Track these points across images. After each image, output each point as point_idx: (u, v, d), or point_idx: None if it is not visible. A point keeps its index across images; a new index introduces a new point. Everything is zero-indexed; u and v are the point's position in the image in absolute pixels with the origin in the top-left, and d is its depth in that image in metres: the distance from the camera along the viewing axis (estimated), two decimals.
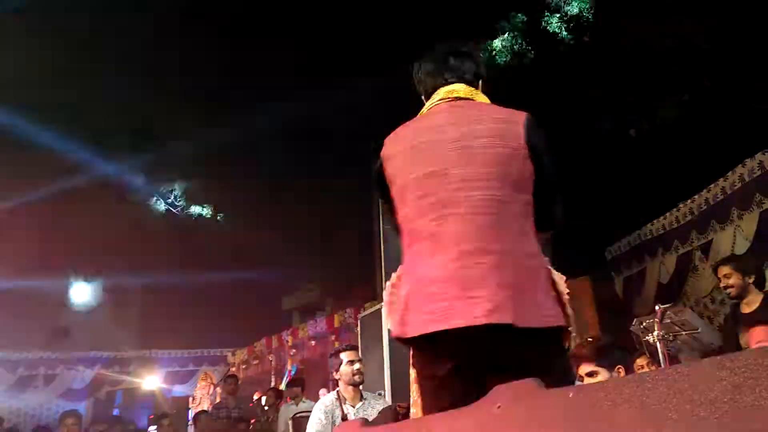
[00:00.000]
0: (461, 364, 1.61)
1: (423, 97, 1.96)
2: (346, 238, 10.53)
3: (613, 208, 7.32)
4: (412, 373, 1.82)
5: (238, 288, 12.95)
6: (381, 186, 1.83)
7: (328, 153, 9.61)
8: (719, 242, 6.23)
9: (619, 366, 3.03)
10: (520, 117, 1.74)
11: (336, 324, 10.77)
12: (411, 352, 1.78)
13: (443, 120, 1.75)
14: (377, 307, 5.04)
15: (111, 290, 13.74)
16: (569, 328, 1.67)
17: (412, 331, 1.62)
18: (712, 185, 6.32)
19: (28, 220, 10.68)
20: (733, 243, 5.96)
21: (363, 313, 5.65)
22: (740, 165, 5.88)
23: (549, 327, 1.59)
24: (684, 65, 6.61)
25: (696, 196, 6.61)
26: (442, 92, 1.84)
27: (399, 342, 1.72)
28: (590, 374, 2.84)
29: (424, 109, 1.86)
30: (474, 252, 1.59)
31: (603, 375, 2.92)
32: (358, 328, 5.64)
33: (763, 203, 5.63)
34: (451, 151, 1.68)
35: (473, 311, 1.53)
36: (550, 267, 1.70)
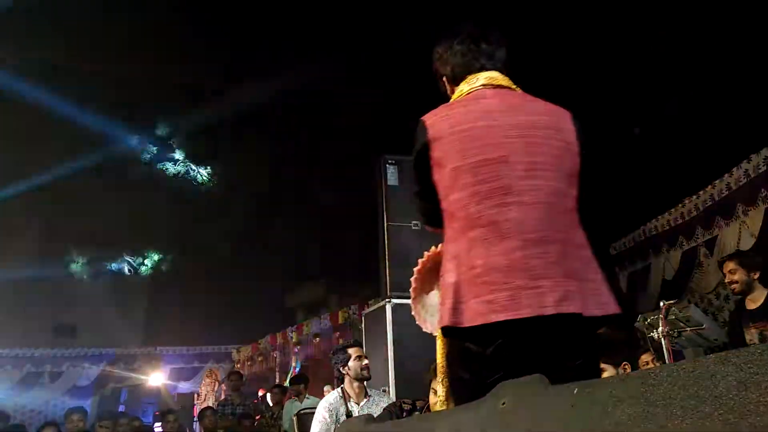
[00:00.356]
0: (518, 361, 1.53)
1: (445, 79, 1.90)
2: (350, 236, 10.54)
3: (617, 204, 7.30)
4: (446, 368, 1.74)
5: (243, 285, 12.99)
6: (422, 169, 1.74)
7: (333, 150, 9.62)
8: (724, 238, 6.20)
9: (625, 363, 3.02)
10: (566, 113, 1.77)
11: (340, 321, 10.79)
12: (451, 348, 1.68)
13: (496, 106, 1.71)
14: (381, 304, 5.03)
15: (116, 287, 13.80)
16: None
17: (470, 321, 1.55)
18: (717, 181, 6.30)
19: (31, 211, 10.73)
20: (739, 239, 5.94)
21: (367, 310, 5.64)
22: (745, 161, 5.85)
23: (609, 314, 1.61)
24: (689, 61, 6.58)
25: (701, 192, 6.58)
26: (482, 78, 1.79)
27: (446, 333, 1.65)
28: None
29: (465, 92, 1.79)
30: (538, 241, 1.57)
31: (609, 371, 2.91)
32: (363, 325, 5.63)
33: None
34: (511, 139, 1.65)
35: (541, 301, 1.52)
36: None
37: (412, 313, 2.09)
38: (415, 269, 2.04)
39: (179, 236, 12.68)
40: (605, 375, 2.82)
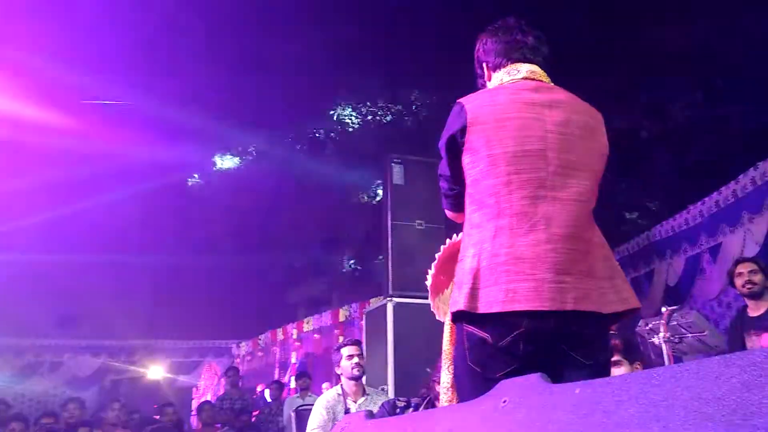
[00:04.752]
0: (530, 356, 1.54)
1: (486, 66, 1.88)
2: (352, 233, 10.55)
3: (623, 209, 7.29)
4: (453, 356, 1.72)
5: (244, 280, 12.99)
6: (453, 151, 1.73)
7: (337, 147, 9.62)
8: (729, 246, 6.18)
9: (638, 362, 3.01)
10: (599, 116, 1.78)
11: (341, 318, 10.79)
12: (459, 335, 1.65)
13: (539, 100, 1.70)
14: (382, 302, 5.03)
15: (118, 279, 13.82)
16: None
17: (487, 307, 1.54)
18: (723, 188, 6.28)
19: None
20: (743, 247, 5.92)
21: (368, 308, 5.64)
22: (752, 168, 5.83)
23: (629, 309, 1.64)
24: (697, 66, 6.57)
25: (706, 199, 6.56)
26: (524, 70, 1.78)
27: (458, 319, 1.63)
28: (615, 363, 2.81)
29: (505, 82, 1.78)
30: (565, 238, 1.59)
31: (625, 368, 2.90)
32: (363, 323, 5.63)
33: None
34: (551, 134, 1.65)
35: (562, 297, 1.53)
36: None
37: (428, 299, 2.07)
38: (437, 255, 2.02)
39: (182, 231, 12.70)
40: (622, 370, 2.82)
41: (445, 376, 1.77)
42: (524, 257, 1.56)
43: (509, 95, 1.72)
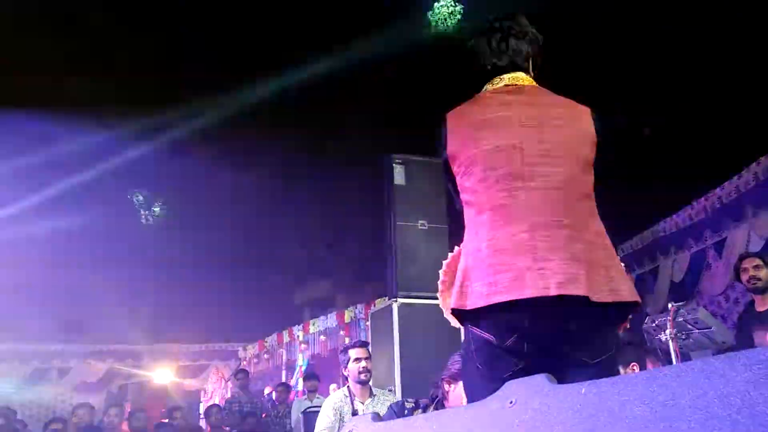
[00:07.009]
0: (537, 355, 1.55)
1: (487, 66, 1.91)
2: (357, 234, 10.55)
3: (626, 205, 7.27)
4: (464, 353, 1.75)
5: (250, 283, 13.00)
6: (447, 166, 1.78)
7: (340, 146, 9.63)
8: (733, 240, 6.17)
9: (634, 363, 3.00)
10: (586, 108, 1.81)
11: (346, 320, 10.81)
12: (468, 339, 1.68)
13: (513, 100, 1.75)
14: (388, 303, 5.04)
15: (124, 284, 13.85)
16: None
17: (473, 303, 1.57)
18: (726, 183, 6.26)
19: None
20: (748, 241, 5.91)
21: (373, 309, 5.65)
22: (755, 163, 5.82)
23: (622, 302, 1.58)
24: (699, 60, 6.55)
25: (710, 194, 6.55)
26: (506, 79, 1.82)
27: (455, 317, 1.67)
28: None
29: (488, 91, 1.83)
30: (546, 224, 1.58)
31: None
32: (369, 324, 5.64)
33: None
34: (524, 127, 1.68)
35: (544, 282, 1.52)
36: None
37: (440, 306, 2.08)
38: (444, 262, 2.04)
39: (185, 234, 12.71)
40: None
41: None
42: (504, 248, 1.57)
43: (485, 99, 1.78)
